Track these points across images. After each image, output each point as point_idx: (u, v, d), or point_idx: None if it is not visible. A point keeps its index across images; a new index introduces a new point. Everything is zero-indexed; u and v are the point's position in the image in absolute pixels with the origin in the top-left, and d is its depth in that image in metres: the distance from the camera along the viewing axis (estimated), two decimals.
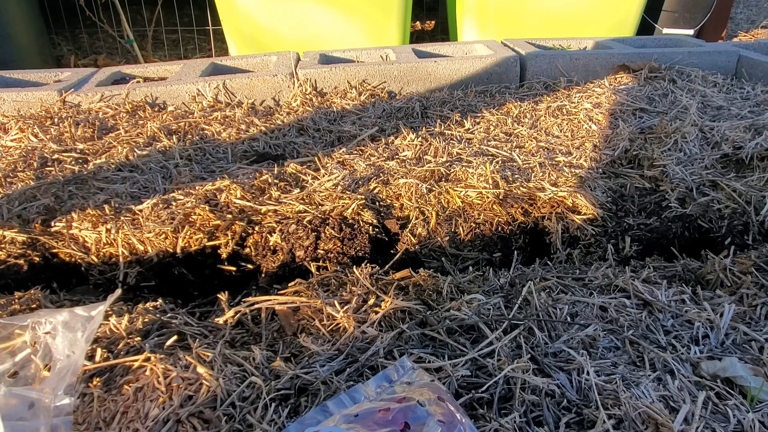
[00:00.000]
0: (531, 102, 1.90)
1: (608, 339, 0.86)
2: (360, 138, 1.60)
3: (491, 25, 2.85)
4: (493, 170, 1.37)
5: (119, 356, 0.82)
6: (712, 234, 1.27)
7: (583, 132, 1.66)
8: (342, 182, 1.33)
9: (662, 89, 1.96)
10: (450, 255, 1.22)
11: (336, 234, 1.18)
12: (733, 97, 1.91)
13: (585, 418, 0.71)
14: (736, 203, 1.30)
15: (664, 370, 0.80)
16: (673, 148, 1.53)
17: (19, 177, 1.38)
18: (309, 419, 0.67)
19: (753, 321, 0.92)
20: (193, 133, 1.65)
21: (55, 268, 1.17)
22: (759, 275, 1.01)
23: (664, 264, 1.12)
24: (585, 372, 0.77)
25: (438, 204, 1.28)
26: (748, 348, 0.85)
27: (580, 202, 1.29)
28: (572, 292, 0.98)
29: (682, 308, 0.93)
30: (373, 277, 0.99)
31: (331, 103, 1.87)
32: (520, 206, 1.29)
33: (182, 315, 0.93)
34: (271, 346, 0.86)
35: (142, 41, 3.27)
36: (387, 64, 2.00)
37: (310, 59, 2.13)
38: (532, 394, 0.73)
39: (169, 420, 0.71)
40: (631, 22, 2.87)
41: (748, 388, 0.76)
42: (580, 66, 2.12)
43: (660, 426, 0.68)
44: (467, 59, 2.07)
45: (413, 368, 0.73)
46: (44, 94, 1.85)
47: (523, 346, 0.82)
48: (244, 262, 1.20)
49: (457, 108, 1.83)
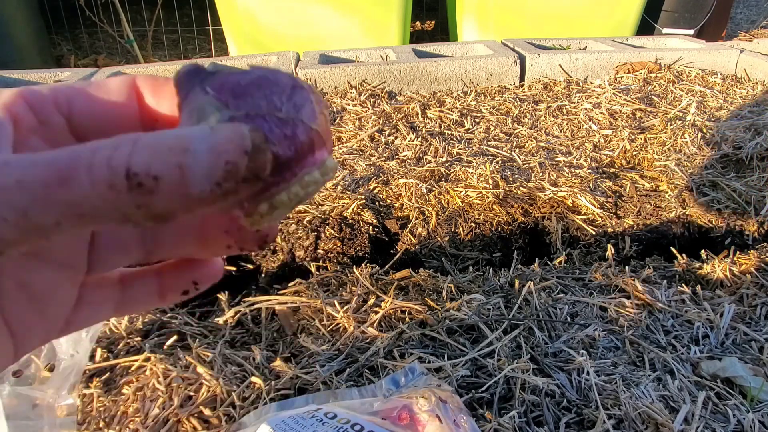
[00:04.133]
0: (531, 102, 1.90)
1: (608, 339, 0.86)
2: (360, 138, 1.60)
3: (491, 25, 2.85)
4: (493, 170, 1.37)
5: (119, 356, 0.82)
6: (712, 234, 1.27)
7: (583, 132, 1.66)
8: (342, 182, 1.33)
9: (662, 89, 1.96)
10: (450, 255, 1.22)
11: (336, 234, 1.18)
12: (733, 97, 1.91)
13: (585, 418, 0.71)
14: (736, 203, 1.30)
15: (664, 370, 0.80)
16: (673, 148, 1.53)
17: None
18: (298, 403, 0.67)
19: (753, 321, 0.92)
20: None
21: None
22: (759, 275, 1.01)
23: (664, 264, 1.12)
24: (585, 372, 0.77)
25: (438, 204, 1.28)
26: (748, 348, 0.85)
27: (580, 202, 1.29)
28: (572, 292, 0.98)
29: (682, 308, 0.93)
30: (373, 277, 0.99)
31: (330, 103, 1.87)
32: (520, 206, 1.29)
33: (182, 315, 0.93)
34: (271, 346, 0.86)
35: (142, 41, 3.27)
36: (387, 64, 2.00)
37: (310, 59, 2.13)
38: (532, 394, 0.73)
39: (168, 420, 0.71)
40: (631, 22, 2.87)
41: (748, 388, 0.76)
42: (580, 66, 2.12)
43: (660, 426, 0.68)
44: (467, 59, 2.07)
45: (423, 373, 0.73)
46: None
47: (523, 346, 0.82)
48: (244, 262, 1.20)
49: (457, 108, 1.83)
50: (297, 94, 0.22)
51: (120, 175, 0.18)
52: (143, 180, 0.18)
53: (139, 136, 0.19)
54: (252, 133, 0.20)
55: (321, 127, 0.23)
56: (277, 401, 0.72)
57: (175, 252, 0.29)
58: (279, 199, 0.22)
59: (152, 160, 0.18)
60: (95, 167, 0.18)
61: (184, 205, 0.19)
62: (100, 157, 0.18)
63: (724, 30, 3.25)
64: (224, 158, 0.19)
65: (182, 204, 0.19)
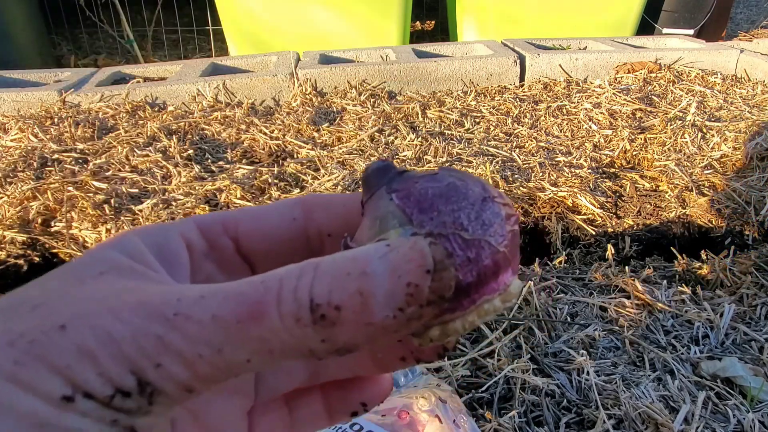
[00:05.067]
0: (531, 102, 1.90)
1: (608, 339, 0.86)
2: (360, 138, 1.60)
3: (491, 25, 2.85)
4: (493, 170, 1.37)
5: None
6: (712, 234, 1.27)
7: (583, 132, 1.66)
8: (342, 182, 1.33)
9: (662, 89, 1.96)
10: None
11: None
12: (733, 97, 1.91)
13: (585, 418, 0.71)
14: (736, 203, 1.30)
15: (664, 370, 0.80)
16: (673, 148, 1.53)
17: (19, 177, 1.38)
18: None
19: (753, 321, 0.92)
20: (193, 133, 1.65)
21: (55, 268, 1.17)
22: (759, 275, 1.01)
23: (664, 264, 1.12)
24: (585, 372, 0.77)
25: None
26: (748, 348, 0.85)
27: (580, 202, 1.29)
28: (572, 292, 0.98)
29: (682, 308, 0.93)
30: None
31: (331, 103, 1.87)
32: (520, 206, 1.29)
33: None
34: None
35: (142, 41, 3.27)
36: (387, 64, 2.00)
37: (310, 59, 2.13)
38: (532, 394, 0.73)
39: None
40: (631, 22, 2.87)
41: (748, 388, 0.76)
42: (580, 66, 2.12)
43: (660, 426, 0.68)
44: (467, 59, 2.07)
45: (422, 373, 0.73)
46: (44, 94, 1.85)
47: (523, 346, 0.82)
48: None
49: (457, 108, 1.83)
50: (487, 209, 0.20)
51: (305, 308, 0.17)
52: (326, 311, 0.17)
53: (320, 261, 0.18)
54: (433, 248, 0.18)
55: (509, 247, 0.20)
56: None
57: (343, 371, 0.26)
58: (452, 326, 0.20)
59: (333, 288, 0.17)
60: (283, 300, 0.17)
61: (367, 336, 0.18)
62: (287, 289, 0.17)
63: (724, 30, 3.25)
64: (405, 280, 0.17)
65: (365, 335, 0.18)
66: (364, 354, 0.25)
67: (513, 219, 0.21)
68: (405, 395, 0.65)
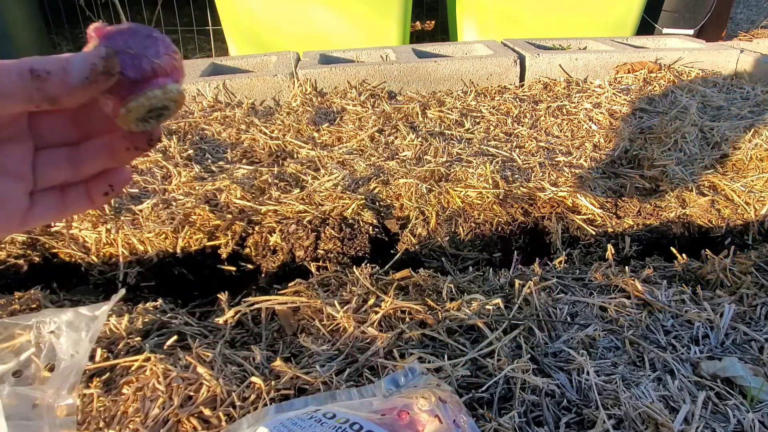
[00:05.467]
0: (531, 102, 1.90)
1: (608, 339, 0.86)
2: (360, 138, 1.60)
3: (491, 25, 2.85)
4: (493, 170, 1.37)
5: (119, 356, 0.82)
6: (712, 234, 1.27)
7: (583, 132, 1.66)
8: (342, 182, 1.33)
9: (662, 89, 1.96)
10: (450, 255, 1.22)
11: (336, 234, 1.18)
12: (733, 97, 1.91)
13: (585, 418, 0.71)
14: (736, 203, 1.30)
15: (664, 370, 0.80)
16: (673, 148, 1.53)
17: None
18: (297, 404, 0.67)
19: (753, 321, 0.92)
20: (193, 133, 1.65)
21: (55, 268, 1.17)
22: (759, 275, 1.01)
23: (664, 264, 1.12)
24: (585, 372, 0.77)
25: (438, 204, 1.28)
26: (748, 348, 0.85)
27: (580, 202, 1.29)
28: (572, 292, 0.98)
29: (682, 308, 0.93)
30: (373, 277, 0.99)
31: (331, 103, 1.87)
32: (520, 206, 1.29)
33: (182, 315, 0.93)
34: (271, 346, 0.86)
35: None
36: (387, 64, 2.00)
37: (310, 59, 2.13)
38: (532, 394, 0.73)
39: (168, 420, 0.71)
40: (631, 22, 2.87)
41: (748, 388, 0.76)
42: (580, 66, 2.12)
43: (660, 426, 0.68)
44: (467, 59, 2.07)
45: (422, 373, 0.73)
46: None
47: (523, 346, 0.82)
48: (244, 262, 1.20)
49: (457, 108, 1.83)
50: (149, 41, 0.34)
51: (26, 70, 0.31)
52: (40, 73, 0.31)
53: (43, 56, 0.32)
54: (106, 49, 0.32)
55: (164, 62, 0.34)
56: (277, 402, 0.72)
57: (94, 166, 0.40)
58: (131, 105, 0.34)
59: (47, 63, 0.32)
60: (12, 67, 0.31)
61: (67, 91, 0.32)
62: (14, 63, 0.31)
63: (724, 30, 3.25)
64: (90, 61, 0.32)
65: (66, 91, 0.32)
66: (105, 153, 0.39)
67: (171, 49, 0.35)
68: (405, 395, 0.65)
